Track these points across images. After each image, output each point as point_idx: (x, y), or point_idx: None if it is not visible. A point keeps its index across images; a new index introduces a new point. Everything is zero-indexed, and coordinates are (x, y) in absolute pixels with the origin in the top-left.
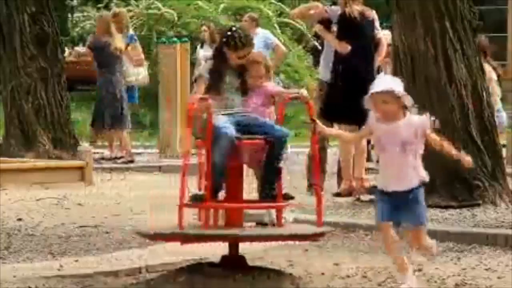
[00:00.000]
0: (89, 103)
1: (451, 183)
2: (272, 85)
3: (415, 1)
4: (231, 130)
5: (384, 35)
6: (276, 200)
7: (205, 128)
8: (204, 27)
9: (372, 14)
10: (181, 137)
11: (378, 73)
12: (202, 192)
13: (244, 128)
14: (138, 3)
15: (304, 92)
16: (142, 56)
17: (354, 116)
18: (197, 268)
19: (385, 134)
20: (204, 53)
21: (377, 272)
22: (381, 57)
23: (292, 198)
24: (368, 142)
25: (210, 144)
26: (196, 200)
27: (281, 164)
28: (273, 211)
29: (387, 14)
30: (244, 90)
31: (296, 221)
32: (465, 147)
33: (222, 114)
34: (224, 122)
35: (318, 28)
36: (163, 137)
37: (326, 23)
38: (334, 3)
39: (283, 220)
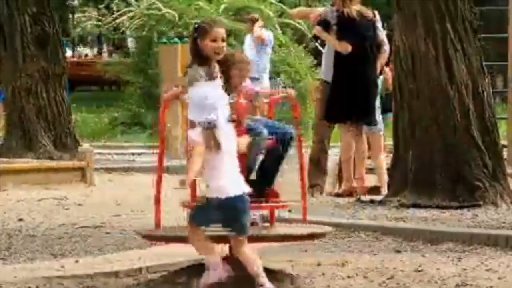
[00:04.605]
0: (90, 103)
1: (452, 184)
2: (250, 85)
3: (416, 1)
4: (263, 129)
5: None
6: (266, 200)
7: None
8: None
9: (371, 14)
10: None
11: (381, 74)
12: None
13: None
14: (139, 3)
15: (292, 92)
16: None
17: (356, 115)
18: (197, 269)
19: None
20: None
21: (378, 273)
22: (383, 59)
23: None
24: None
25: None
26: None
27: (283, 165)
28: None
29: (387, 14)
30: (228, 89)
31: (298, 221)
32: (465, 148)
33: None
34: (253, 123)
35: (317, 30)
36: None
37: (325, 24)
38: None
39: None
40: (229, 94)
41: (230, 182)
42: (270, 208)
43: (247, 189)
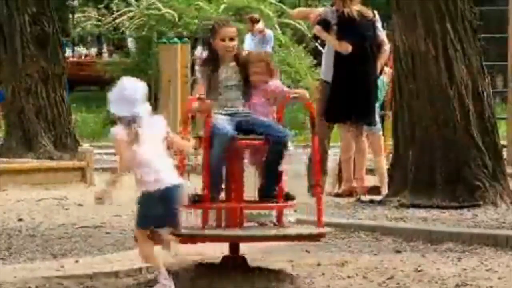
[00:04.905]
0: (90, 103)
1: (452, 184)
2: (276, 84)
3: (416, 1)
4: (228, 129)
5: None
6: (276, 200)
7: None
8: None
9: (371, 14)
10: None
11: (381, 73)
12: (200, 193)
13: (245, 128)
14: (138, 3)
15: (304, 92)
16: None
17: (356, 115)
18: (198, 268)
19: None
20: None
21: (378, 273)
22: (383, 59)
23: (293, 198)
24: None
25: (208, 144)
26: (195, 200)
27: (282, 165)
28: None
29: (387, 14)
30: (246, 88)
31: (298, 221)
32: (465, 148)
33: (223, 114)
34: (221, 122)
35: (317, 29)
36: None
37: (325, 24)
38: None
39: (286, 221)
40: (247, 93)
41: (163, 173)
42: (277, 208)
43: (181, 180)
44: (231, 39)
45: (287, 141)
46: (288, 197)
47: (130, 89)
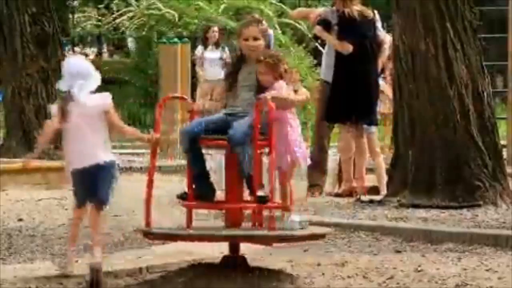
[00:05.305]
0: None
1: (451, 184)
2: (280, 85)
3: (416, 1)
4: (193, 127)
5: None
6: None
7: None
8: (215, 28)
9: (371, 13)
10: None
11: (382, 73)
12: (186, 191)
13: (223, 128)
14: (138, 3)
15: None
16: None
17: (356, 115)
18: (198, 268)
19: None
20: (210, 55)
21: (378, 273)
22: (383, 58)
23: (266, 201)
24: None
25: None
26: (182, 198)
27: (245, 168)
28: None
29: (387, 14)
30: (259, 89)
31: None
32: (465, 148)
33: (224, 114)
34: (195, 120)
35: (317, 29)
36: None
37: (325, 24)
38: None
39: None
40: (260, 92)
41: (88, 151)
42: (252, 209)
43: (109, 158)
44: (255, 39)
45: (238, 144)
46: (262, 200)
47: (71, 65)
